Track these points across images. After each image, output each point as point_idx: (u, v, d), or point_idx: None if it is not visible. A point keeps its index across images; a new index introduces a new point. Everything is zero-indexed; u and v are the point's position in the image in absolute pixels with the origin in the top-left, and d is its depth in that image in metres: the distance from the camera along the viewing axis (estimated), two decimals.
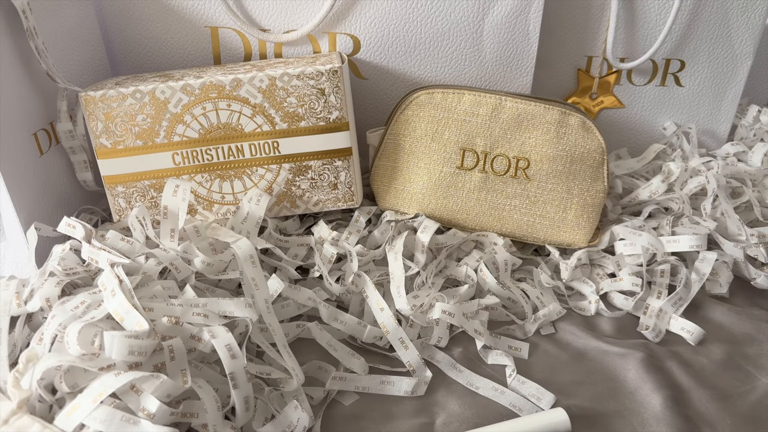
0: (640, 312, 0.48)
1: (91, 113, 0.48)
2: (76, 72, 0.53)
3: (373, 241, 0.52)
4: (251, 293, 0.42)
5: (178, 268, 0.43)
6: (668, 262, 0.50)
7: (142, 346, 0.34)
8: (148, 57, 0.59)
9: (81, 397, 0.32)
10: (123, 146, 0.49)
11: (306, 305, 0.46)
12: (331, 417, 0.39)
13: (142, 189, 0.50)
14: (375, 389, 0.41)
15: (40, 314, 0.41)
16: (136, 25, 0.57)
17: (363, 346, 0.44)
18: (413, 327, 0.45)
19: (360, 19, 0.56)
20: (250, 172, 0.50)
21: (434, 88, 0.52)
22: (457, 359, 0.43)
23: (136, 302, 0.36)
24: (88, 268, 0.43)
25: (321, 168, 0.51)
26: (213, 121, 0.49)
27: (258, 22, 0.57)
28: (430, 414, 0.39)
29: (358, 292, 0.47)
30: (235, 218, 0.49)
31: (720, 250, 0.52)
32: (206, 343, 0.36)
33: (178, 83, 0.47)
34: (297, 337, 0.45)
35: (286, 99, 0.48)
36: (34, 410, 0.33)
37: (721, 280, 0.50)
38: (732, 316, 0.48)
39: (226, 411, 0.36)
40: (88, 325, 0.35)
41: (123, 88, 0.47)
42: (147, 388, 0.32)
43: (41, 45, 0.45)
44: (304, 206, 0.52)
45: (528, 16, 0.56)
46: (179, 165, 0.50)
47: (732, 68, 0.64)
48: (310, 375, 0.41)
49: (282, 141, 0.50)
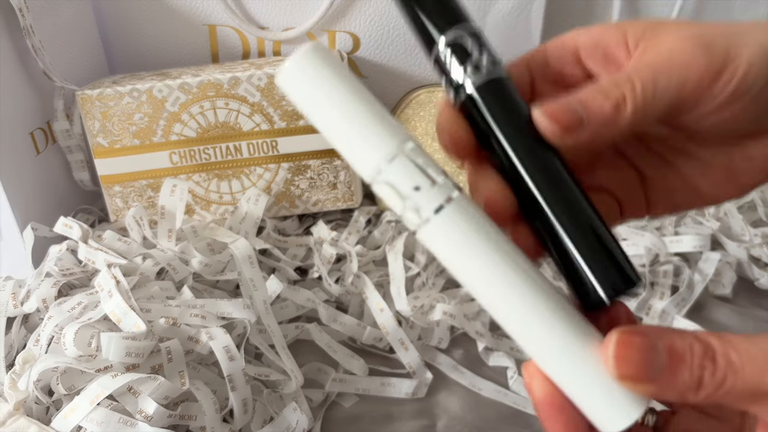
0: (642, 313, 0.48)
1: (88, 112, 0.47)
2: (73, 70, 0.52)
3: (373, 241, 0.52)
4: (249, 294, 0.41)
5: (175, 269, 0.43)
6: (671, 262, 0.49)
7: (139, 347, 0.33)
8: (146, 55, 0.58)
9: (78, 398, 0.31)
10: (120, 145, 0.48)
11: (305, 306, 0.45)
12: (331, 419, 0.39)
13: (139, 189, 0.50)
14: (375, 391, 0.40)
15: (36, 315, 0.40)
16: (134, 24, 0.57)
17: (363, 347, 0.44)
18: (414, 328, 0.44)
19: (359, 16, 0.56)
20: (249, 172, 0.50)
21: (435, 87, 0.52)
22: (458, 361, 0.43)
23: (133, 303, 0.36)
24: (85, 269, 0.43)
25: (320, 167, 0.51)
26: (211, 120, 0.48)
27: (256, 20, 0.57)
28: (432, 416, 0.39)
29: (358, 293, 0.47)
30: (234, 218, 0.49)
31: (723, 251, 0.52)
32: (204, 345, 0.36)
33: (175, 82, 0.47)
34: (296, 339, 0.44)
35: (285, 97, 0.48)
36: (31, 412, 0.33)
37: (725, 280, 0.50)
38: (735, 317, 0.47)
39: (225, 413, 0.36)
40: (85, 327, 0.34)
41: (120, 87, 0.47)
42: (145, 389, 0.32)
43: (38, 43, 0.45)
44: (303, 206, 0.52)
45: (530, 14, 0.55)
46: (177, 164, 0.49)
47: None
48: (310, 377, 0.41)
49: (281, 140, 0.49)
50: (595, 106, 0.21)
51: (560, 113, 0.21)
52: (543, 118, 0.21)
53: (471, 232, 0.19)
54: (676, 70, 0.21)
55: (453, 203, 0.20)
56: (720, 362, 0.18)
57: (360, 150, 0.20)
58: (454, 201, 0.20)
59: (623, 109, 0.21)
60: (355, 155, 0.20)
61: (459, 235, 0.19)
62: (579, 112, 0.21)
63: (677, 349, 0.18)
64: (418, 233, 0.20)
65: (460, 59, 0.22)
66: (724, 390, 0.18)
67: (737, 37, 0.21)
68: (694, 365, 0.18)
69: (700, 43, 0.21)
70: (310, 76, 0.20)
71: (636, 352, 0.18)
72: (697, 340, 0.18)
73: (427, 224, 0.20)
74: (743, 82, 0.21)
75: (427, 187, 0.20)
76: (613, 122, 0.21)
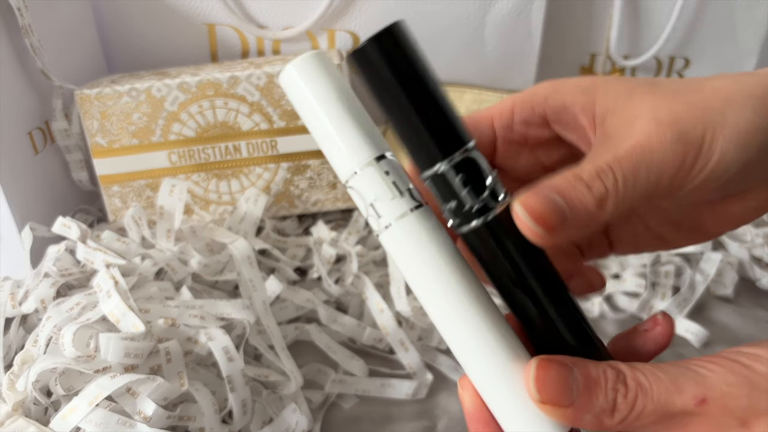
0: (644, 313, 0.47)
1: (87, 112, 0.47)
2: (72, 70, 0.52)
3: (373, 241, 0.51)
4: (249, 295, 0.41)
5: (174, 269, 0.43)
6: (672, 262, 0.49)
7: (138, 348, 0.33)
8: (145, 55, 0.58)
9: (77, 399, 0.31)
10: (119, 145, 0.48)
11: (305, 307, 0.45)
12: (331, 420, 0.38)
13: (138, 188, 0.49)
14: (375, 392, 0.40)
15: (35, 316, 0.40)
16: (133, 23, 0.57)
17: (363, 348, 0.44)
18: (414, 329, 0.44)
19: (359, 15, 0.56)
20: (248, 172, 0.50)
21: None
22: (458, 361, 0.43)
23: (132, 304, 0.36)
24: (83, 269, 0.42)
25: (320, 167, 0.50)
26: (210, 119, 0.48)
27: (256, 19, 0.56)
28: (432, 417, 0.39)
29: (358, 293, 0.47)
30: (233, 218, 0.49)
31: (725, 251, 0.52)
32: (203, 346, 0.36)
33: (174, 81, 0.47)
34: (295, 339, 0.44)
35: (284, 97, 0.48)
36: (29, 413, 0.33)
37: (726, 281, 0.50)
38: (737, 318, 0.47)
39: (224, 414, 0.35)
40: (84, 327, 0.34)
41: (119, 86, 0.47)
42: (143, 390, 0.32)
43: (37, 42, 0.45)
44: (302, 206, 0.52)
45: (530, 13, 0.55)
46: (176, 164, 0.49)
47: (737, 65, 0.64)
48: (309, 378, 0.41)
49: (280, 139, 0.49)
50: (577, 199, 0.20)
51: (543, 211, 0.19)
52: (525, 216, 0.20)
53: (426, 243, 0.21)
54: (656, 164, 0.20)
55: (413, 215, 0.21)
56: (631, 384, 0.19)
57: (339, 153, 0.22)
58: (414, 213, 0.21)
59: (606, 205, 0.20)
60: (335, 157, 0.22)
61: (413, 245, 0.21)
62: (561, 208, 0.20)
63: (592, 374, 0.19)
64: (380, 237, 0.22)
65: (475, 187, 0.21)
66: (636, 412, 0.19)
67: (713, 120, 0.20)
68: (608, 388, 0.19)
69: (677, 132, 0.20)
70: (308, 78, 0.22)
71: (554, 374, 0.19)
72: (609, 367, 0.20)
73: (387, 230, 0.21)
74: (714, 172, 0.21)
75: (392, 198, 0.21)
76: (596, 219, 0.20)
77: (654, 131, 0.20)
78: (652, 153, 0.20)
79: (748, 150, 0.20)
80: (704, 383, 0.19)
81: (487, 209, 0.21)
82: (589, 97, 0.22)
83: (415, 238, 0.21)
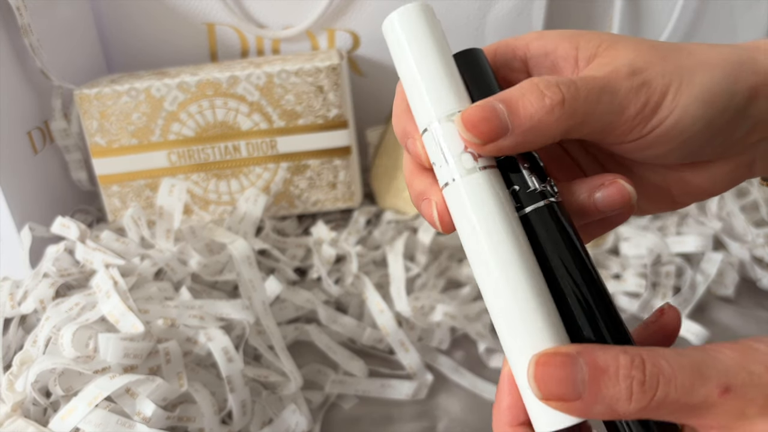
0: (644, 313, 0.47)
1: (86, 111, 0.47)
2: (71, 69, 0.52)
3: (373, 241, 0.51)
4: (248, 295, 0.41)
5: (173, 269, 0.43)
6: (673, 263, 0.49)
7: (137, 348, 0.33)
8: (144, 54, 0.58)
9: (76, 400, 0.31)
10: (118, 145, 0.48)
11: (304, 307, 0.45)
12: (331, 421, 0.38)
13: (137, 188, 0.49)
14: (375, 392, 0.40)
15: (34, 316, 0.40)
16: (132, 22, 0.57)
17: (362, 348, 0.44)
18: (414, 329, 0.44)
19: (359, 15, 0.55)
20: (248, 171, 0.50)
21: None
22: (458, 362, 0.43)
23: (131, 304, 0.36)
24: (82, 269, 0.42)
25: (319, 167, 0.50)
26: (209, 119, 0.48)
27: (255, 19, 0.56)
28: (432, 418, 0.39)
29: (358, 293, 0.46)
30: (232, 218, 0.49)
31: (726, 251, 0.52)
32: (202, 346, 0.36)
33: (173, 81, 0.47)
34: (295, 340, 0.44)
35: (283, 96, 0.48)
36: (28, 413, 0.33)
37: (727, 281, 0.50)
38: (737, 318, 0.47)
39: (223, 415, 0.35)
40: (83, 327, 0.34)
41: (118, 86, 0.47)
42: (143, 391, 0.32)
43: (36, 42, 0.44)
44: (302, 206, 0.52)
45: (531, 13, 0.55)
46: (175, 164, 0.49)
47: None
48: (309, 378, 0.41)
49: (280, 139, 0.49)
50: (523, 107, 0.20)
51: (478, 120, 0.20)
52: (460, 126, 0.20)
53: (490, 201, 0.21)
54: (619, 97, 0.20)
55: (485, 172, 0.21)
56: (650, 370, 0.18)
57: (423, 100, 0.22)
58: (486, 171, 0.21)
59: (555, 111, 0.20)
60: (418, 104, 0.22)
61: (478, 201, 0.21)
62: (500, 117, 0.20)
63: (599, 362, 0.18)
64: (444, 190, 0.22)
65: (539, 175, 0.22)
66: (658, 400, 0.18)
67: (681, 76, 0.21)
68: (620, 375, 0.18)
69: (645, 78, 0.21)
70: (409, 27, 0.23)
71: (556, 369, 0.18)
72: (623, 352, 0.18)
73: (454, 183, 0.21)
74: (678, 124, 0.21)
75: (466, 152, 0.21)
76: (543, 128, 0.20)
77: (624, 73, 0.21)
78: (618, 87, 0.21)
79: (712, 108, 0.21)
80: (727, 372, 0.18)
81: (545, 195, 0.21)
82: (572, 43, 0.22)
83: (486, 193, 0.21)
